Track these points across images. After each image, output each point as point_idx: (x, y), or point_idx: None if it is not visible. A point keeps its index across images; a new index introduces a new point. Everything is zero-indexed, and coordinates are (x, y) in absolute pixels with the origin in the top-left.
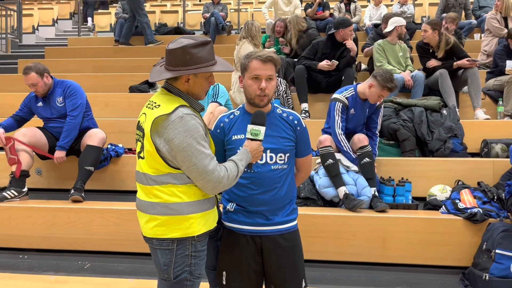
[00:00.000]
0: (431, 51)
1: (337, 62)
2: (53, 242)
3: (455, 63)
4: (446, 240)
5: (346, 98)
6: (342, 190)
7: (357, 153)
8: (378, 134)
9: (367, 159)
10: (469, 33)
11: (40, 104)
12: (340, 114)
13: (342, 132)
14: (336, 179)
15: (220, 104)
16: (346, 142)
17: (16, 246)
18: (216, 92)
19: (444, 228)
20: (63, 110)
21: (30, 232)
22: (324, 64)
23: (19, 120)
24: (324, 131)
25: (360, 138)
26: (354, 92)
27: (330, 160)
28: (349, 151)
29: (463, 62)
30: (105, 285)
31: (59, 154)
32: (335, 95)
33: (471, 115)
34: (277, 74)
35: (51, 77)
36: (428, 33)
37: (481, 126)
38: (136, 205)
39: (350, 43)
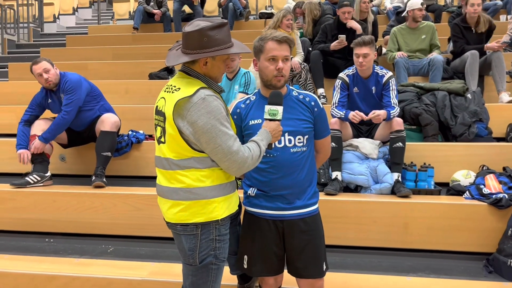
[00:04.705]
0: (471, 28)
1: (344, 36)
2: (78, 226)
3: (485, 45)
4: (469, 225)
5: (347, 76)
6: (335, 174)
7: (391, 136)
8: (394, 106)
9: (400, 144)
10: (495, 15)
11: (50, 101)
12: (339, 90)
13: (336, 106)
14: (333, 163)
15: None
16: (339, 110)
17: (42, 230)
18: (247, 81)
19: (467, 214)
20: None
21: (55, 217)
22: (335, 43)
23: (31, 121)
24: None
25: (398, 121)
26: (355, 71)
27: (333, 144)
28: (342, 115)
29: (493, 45)
30: (128, 268)
31: (37, 144)
32: (339, 74)
33: (497, 98)
34: (303, 62)
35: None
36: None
37: (507, 110)
38: (157, 191)
39: (352, 24)
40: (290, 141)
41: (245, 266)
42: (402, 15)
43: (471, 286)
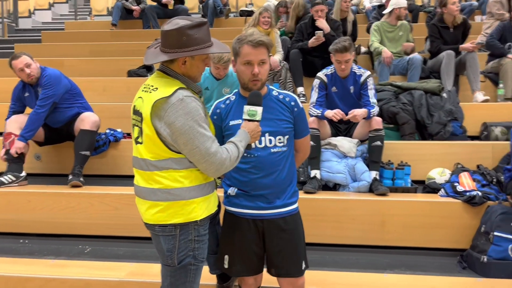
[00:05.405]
0: (449, 28)
1: (321, 31)
2: (54, 227)
3: (460, 46)
4: (444, 223)
5: (325, 75)
6: (314, 172)
7: (370, 135)
8: (373, 105)
9: (379, 143)
10: (470, 15)
11: (26, 94)
12: (317, 90)
13: (314, 105)
14: (312, 162)
15: None
16: (317, 109)
17: (17, 231)
18: None
19: (443, 211)
20: None
21: (30, 217)
22: (312, 39)
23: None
24: None
25: (378, 120)
26: (333, 70)
27: (311, 142)
28: (319, 113)
29: (467, 46)
30: (105, 269)
31: (18, 144)
32: (317, 74)
33: (471, 98)
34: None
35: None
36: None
37: (481, 109)
38: (135, 191)
39: (319, 23)
40: (270, 141)
41: (226, 266)
42: (386, 12)
43: (446, 282)
